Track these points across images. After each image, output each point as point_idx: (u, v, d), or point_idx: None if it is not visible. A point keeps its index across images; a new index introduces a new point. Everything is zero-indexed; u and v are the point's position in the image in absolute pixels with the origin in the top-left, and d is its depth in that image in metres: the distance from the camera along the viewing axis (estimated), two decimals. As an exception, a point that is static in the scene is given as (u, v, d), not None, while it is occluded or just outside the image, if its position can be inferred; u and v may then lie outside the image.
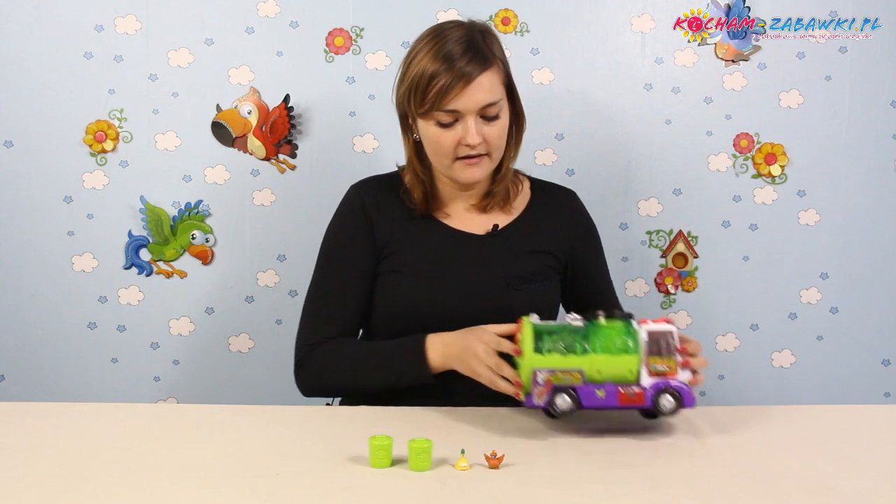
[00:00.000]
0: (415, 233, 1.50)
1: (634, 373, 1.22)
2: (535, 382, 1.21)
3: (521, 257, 1.50)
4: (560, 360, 1.21)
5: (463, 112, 1.39)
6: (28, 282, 1.98)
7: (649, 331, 1.23)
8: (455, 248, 1.49)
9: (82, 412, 1.40)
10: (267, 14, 1.94)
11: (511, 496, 1.05)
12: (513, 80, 1.47)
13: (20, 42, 1.92)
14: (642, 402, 1.22)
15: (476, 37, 1.41)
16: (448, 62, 1.37)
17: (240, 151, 1.97)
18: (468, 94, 1.38)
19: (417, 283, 1.46)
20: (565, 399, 1.20)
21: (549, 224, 1.55)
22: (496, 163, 1.47)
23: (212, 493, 1.05)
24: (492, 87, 1.40)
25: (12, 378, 2.01)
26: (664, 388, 1.22)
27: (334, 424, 1.31)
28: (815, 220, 2.02)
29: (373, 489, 1.06)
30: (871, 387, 2.06)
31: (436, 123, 1.41)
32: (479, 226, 1.52)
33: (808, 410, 1.48)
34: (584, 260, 1.58)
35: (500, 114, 1.43)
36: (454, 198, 1.54)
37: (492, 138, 1.42)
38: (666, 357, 1.22)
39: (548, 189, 1.61)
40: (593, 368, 1.21)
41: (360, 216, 1.51)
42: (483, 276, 1.47)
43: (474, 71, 1.38)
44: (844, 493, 1.07)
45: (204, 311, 2.01)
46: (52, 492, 1.05)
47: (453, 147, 1.42)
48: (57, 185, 1.96)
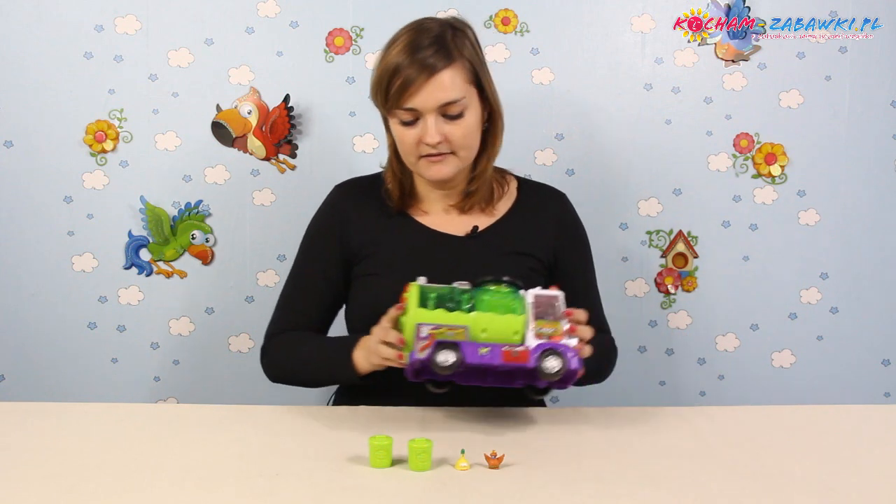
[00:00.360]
0: (393, 234, 1.49)
1: (520, 333, 1.20)
2: (419, 337, 1.18)
3: (501, 260, 1.47)
4: (445, 316, 1.20)
5: (421, 110, 1.38)
6: (28, 282, 1.98)
7: (536, 294, 1.23)
8: (433, 250, 1.48)
9: (82, 412, 1.40)
10: (267, 14, 1.94)
11: (511, 496, 1.05)
12: (486, 77, 1.44)
13: (20, 42, 1.92)
14: (526, 362, 1.18)
15: (444, 32, 1.40)
16: (402, 64, 1.36)
17: (240, 151, 1.97)
18: (426, 92, 1.36)
19: (393, 285, 1.41)
20: (448, 354, 1.16)
21: (533, 225, 1.52)
22: (465, 161, 1.44)
23: (212, 493, 1.05)
24: (453, 85, 1.37)
25: (12, 378, 2.01)
26: (549, 349, 1.19)
27: (334, 424, 1.31)
28: (815, 220, 2.02)
29: (373, 489, 1.06)
30: (871, 387, 2.06)
31: (399, 122, 1.41)
32: (458, 227, 1.50)
33: (808, 410, 1.48)
34: (568, 263, 1.54)
35: (465, 112, 1.40)
36: (433, 197, 1.52)
37: (454, 137, 1.40)
38: (552, 321, 1.21)
39: (535, 190, 1.58)
40: (478, 327, 1.20)
41: (336, 219, 1.52)
42: (459, 279, 1.42)
43: (436, 65, 1.36)
44: (844, 493, 1.07)
45: (204, 311, 2.01)
46: (52, 492, 1.05)
47: (415, 145, 1.40)
48: (57, 185, 1.96)
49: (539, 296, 1.23)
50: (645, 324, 2.04)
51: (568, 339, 1.20)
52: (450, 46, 1.39)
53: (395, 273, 1.44)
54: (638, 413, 1.41)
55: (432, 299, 1.23)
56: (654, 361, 2.05)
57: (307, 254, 1.54)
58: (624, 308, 2.02)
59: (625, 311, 2.02)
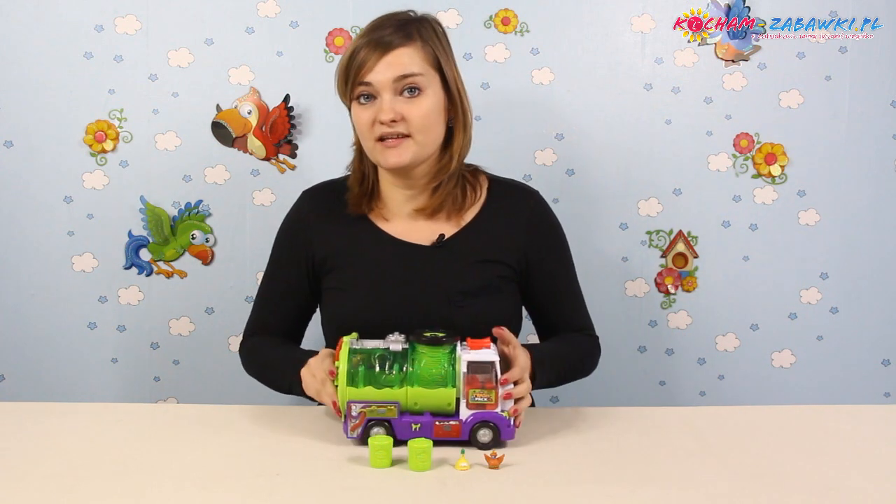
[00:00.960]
0: (358, 245, 1.46)
1: (452, 405, 1.20)
2: (350, 415, 1.19)
3: (467, 269, 1.43)
4: (375, 393, 1.19)
5: (377, 84, 1.36)
6: (28, 282, 1.98)
7: (469, 361, 1.19)
8: (398, 262, 1.44)
9: (82, 412, 1.40)
10: (267, 14, 1.94)
11: (511, 496, 1.05)
12: (450, 68, 1.42)
13: (20, 42, 1.92)
14: (458, 436, 1.19)
15: (409, 19, 1.41)
16: (364, 41, 1.37)
17: (240, 151, 1.97)
18: (382, 66, 1.35)
19: (359, 301, 1.42)
20: (380, 433, 1.18)
21: (502, 230, 1.46)
22: (423, 147, 1.39)
23: (212, 493, 1.05)
24: (410, 61, 1.36)
25: (12, 378, 2.01)
26: (482, 422, 1.19)
27: (334, 424, 1.31)
28: (815, 220, 2.02)
29: (373, 489, 1.06)
30: (871, 387, 2.06)
31: (357, 102, 1.39)
32: (424, 235, 1.45)
33: (808, 410, 1.48)
34: (543, 263, 1.48)
35: (423, 93, 1.37)
36: (398, 199, 1.47)
37: (411, 116, 1.36)
38: (486, 388, 1.19)
39: (506, 190, 1.51)
40: (410, 400, 1.20)
41: (300, 231, 1.50)
42: (426, 291, 1.41)
43: (390, 44, 1.35)
44: (844, 493, 1.07)
45: (204, 311, 2.01)
46: (52, 492, 1.05)
47: (370, 124, 1.37)
48: (57, 185, 1.96)
49: (472, 363, 1.19)
50: (645, 324, 2.04)
51: (502, 403, 1.19)
52: (410, 29, 1.38)
53: (359, 289, 1.43)
54: (638, 413, 1.41)
55: (361, 370, 1.20)
56: (654, 361, 2.05)
57: (276, 262, 1.53)
58: (624, 308, 2.02)
59: (625, 311, 2.02)
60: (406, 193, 1.46)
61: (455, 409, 1.20)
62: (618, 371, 2.00)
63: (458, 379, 1.19)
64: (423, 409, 1.20)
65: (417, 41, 1.38)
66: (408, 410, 1.20)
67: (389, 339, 1.23)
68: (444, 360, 1.20)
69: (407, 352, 1.21)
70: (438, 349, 1.21)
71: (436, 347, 1.21)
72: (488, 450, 1.17)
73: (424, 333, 1.22)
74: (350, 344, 1.22)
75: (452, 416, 1.20)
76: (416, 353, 1.21)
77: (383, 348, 1.22)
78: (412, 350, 1.21)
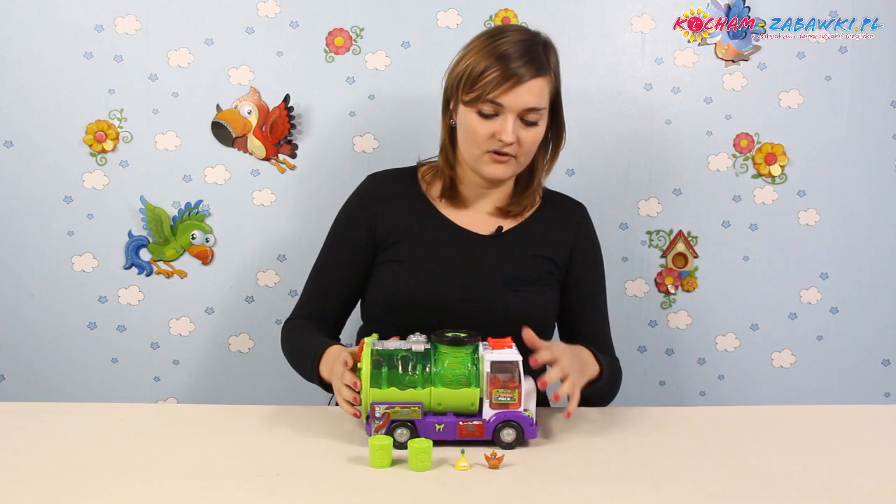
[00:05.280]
0: (420, 226, 1.52)
1: (476, 405, 1.21)
2: (374, 416, 1.19)
3: (522, 260, 1.51)
4: (398, 394, 1.19)
5: (506, 108, 1.41)
6: (28, 282, 1.98)
7: (493, 361, 1.20)
8: (457, 245, 1.50)
9: (82, 412, 1.40)
10: (267, 14, 1.94)
11: (511, 496, 1.05)
12: (560, 96, 1.49)
13: (20, 42, 1.92)
14: (482, 436, 1.20)
15: (536, 43, 1.44)
16: (503, 60, 1.40)
17: (240, 151, 1.97)
18: (516, 93, 1.40)
19: (416, 274, 1.48)
20: (403, 432, 1.19)
21: (554, 231, 1.55)
22: (522, 167, 1.49)
23: (212, 493, 1.05)
24: (540, 94, 1.42)
25: (12, 378, 2.01)
26: (505, 422, 1.20)
27: (334, 424, 1.31)
28: (815, 220, 2.02)
29: (373, 489, 1.06)
30: (871, 387, 2.06)
31: (477, 113, 1.43)
32: (484, 226, 1.53)
33: (808, 410, 1.48)
34: (580, 273, 1.56)
35: (540, 122, 1.45)
36: (471, 198, 1.54)
37: (525, 143, 1.44)
38: (509, 388, 1.20)
39: (558, 199, 1.62)
40: (434, 401, 1.20)
41: (365, 208, 1.54)
42: (481, 275, 1.48)
43: (527, 73, 1.40)
44: (844, 493, 1.07)
45: (204, 311, 2.01)
46: (52, 492, 1.05)
47: (486, 138, 1.43)
48: (57, 185, 1.96)
49: (496, 363, 1.20)
50: (645, 324, 2.04)
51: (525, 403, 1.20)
52: (542, 60, 1.43)
53: (418, 264, 1.48)
54: (638, 413, 1.41)
55: (384, 371, 1.20)
56: (654, 361, 2.05)
57: (335, 240, 1.57)
58: (624, 308, 2.02)
59: (625, 311, 2.02)
60: (485, 192, 1.54)
61: (478, 409, 1.21)
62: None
63: (481, 379, 1.20)
64: (447, 410, 1.21)
65: (549, 73, 1.44)
66: (431, 411, 1.21)
67: (411, 340, 1.24)
68: (468, 360, 1.21)
69: (429, 352, 1.22)
70: (461, 349, 1.21)
71: (458, 347, 1.21)
72: (513, 449, 1.19)
73: (446, 333, 1.22)
74: (371, 345, 1.23)
75: (476, 416, 1.21)
76: (438, 354, 1.21)
77: (405, 349, 1.22)
78: (434, 350, 1.22)
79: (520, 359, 1.21)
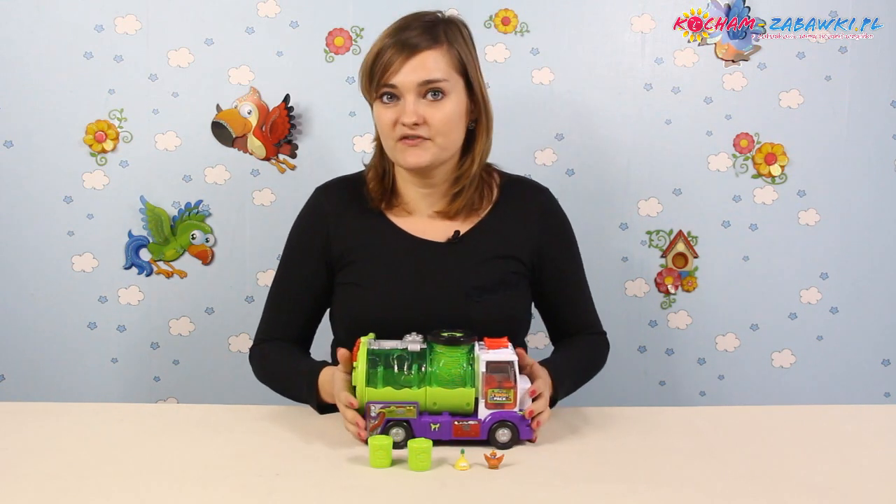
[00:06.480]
0: (374, 241, 1.46)
1: (471, 405, 1.20)
2: (369, 416, 1.19)
3: (482, 265, 1.44)
4: (394, 393, 1.19)
5: (402, 87, 1.35)
6: (28, 282, 1.98)
7: (488, 361, 1.19)
8: (414, 258, 1.44)
9: (82, 412, 1.40)
10: (267, 14, 1.94)
11: (511, 496, 1.05)
12: (475, 74, 1.42)
13: (20, 42, 1.92)
14: (477, 436, 1.19)
15: (437, 22, 1.40)
16: (395, 35, 1.37)
17: (240, 151, 1.97)
18: (409, 66, 1.35)
19: (375, 296, 1.42)
20: (399, 432, 1.18)
21: (514, 226, 1.47)
22: (443, 150, 1.39)
23: (212, 493, 1.05)
24: (436, 66, 1.36)
25: (12, 378, 2.01)
26: (500, 422, 1.19)
27: (334, 424, 1.31)
28: (815, 220, 2.02)
29: (373, 489, 1.06)
30: (871, 387, 2.06)
31: (381, 102, 1.39)
32: (440, 232, 1.46)
33: (808, 410, 1.48)
34: (552, 261, 1.49)
35: (447, 97, 1.37)
36: (415, 198, 1.47)
37: (434, 120, 1.36)
38: (505, 388, 1.19)
39: (518, 187, 1.52)
40: (429, 401, 1.20)
41: (316, 226, 1.49)
42: (442, 287, 1.42)
43: (421, 43, 1.35)
44: (844, 493, 1.07)
45: (204, 311, 2.01)
46: (52, 492, 1.05)
47: (392, 125, 1.37)
48: (57, 185, 1.96)
49: (492, 363, 1.19)
50: (645, 324, 2.04)
51: (521, 404, 1.20)
52: (437, 31, 1.38)
53: (375, 286, 1.43)
54: (638, 413, 1.41)
55: (380, 370, 1.20)
56: (654, 361, 2.05)
57: (290, 260, 1.51)
58: (624, 308, 2.02)
59: (625, 311, 2.02)
60: (423, 192, 1.47)
61: (474, 409, 1.20)
62: (618, 371, 2.00)
63: (476, 379, 1.20)
64: (442, 409, 1.21)
65: (444, 44, 1.38)
66: (427, 410, 1.21)
67: (407, 340, 1.23)
68: (463, 360, 1.21)
69: (425, 352, 1.21)
70: (456, 349, 1.21)
71: (454, 347, 1.21)
72: (508, 449, 1.18)
73: (442, 333, 1.22)
74: (367, 344, 1.22)
75: (471, 415, 1.20)
76: (434, 354, 1.21)
77: (401, 349, 1.22)
78: (430, 350, 1.22)
79: (515, 359, 1.20)
